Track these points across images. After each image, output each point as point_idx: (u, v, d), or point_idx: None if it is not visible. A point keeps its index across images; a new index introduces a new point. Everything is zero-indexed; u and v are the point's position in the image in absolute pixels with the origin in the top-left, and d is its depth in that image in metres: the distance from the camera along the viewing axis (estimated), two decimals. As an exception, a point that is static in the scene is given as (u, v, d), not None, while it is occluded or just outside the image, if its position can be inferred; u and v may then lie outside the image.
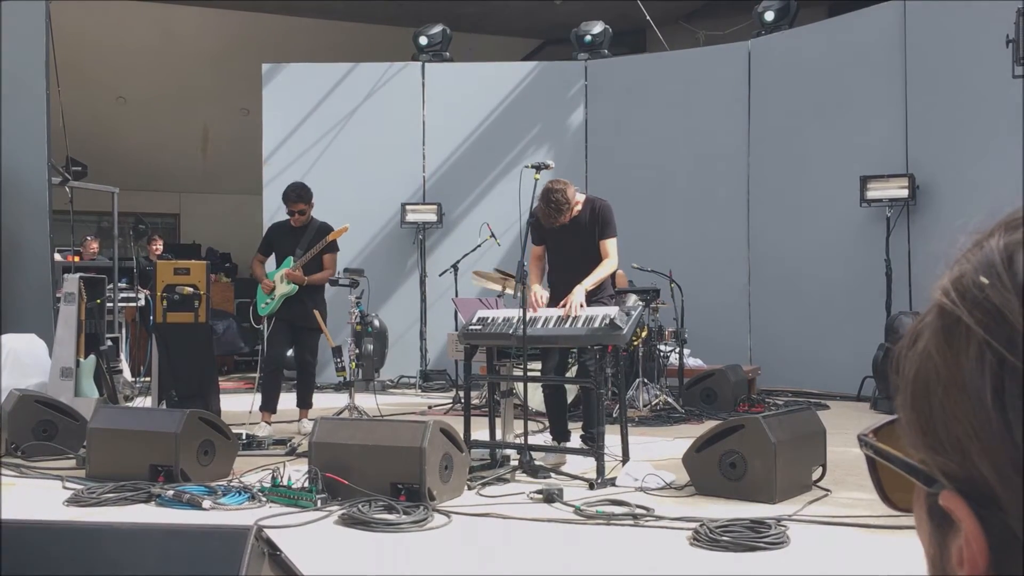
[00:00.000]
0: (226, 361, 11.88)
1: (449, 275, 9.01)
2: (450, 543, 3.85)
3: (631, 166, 10.32)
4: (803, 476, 4.67)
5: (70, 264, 9.06)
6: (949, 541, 0.50)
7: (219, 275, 13.15)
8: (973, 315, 0.47)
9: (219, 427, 5.08)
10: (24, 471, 5.23)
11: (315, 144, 10.65)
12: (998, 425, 0.45)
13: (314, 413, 6.56)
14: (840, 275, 8.97)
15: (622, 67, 10.74)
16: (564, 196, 5.32)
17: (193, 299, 6.60)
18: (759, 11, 10.01)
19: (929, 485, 0.50)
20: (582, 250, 5.44)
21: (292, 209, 6.80)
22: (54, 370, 6.88)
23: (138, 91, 14.41)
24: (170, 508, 4.31)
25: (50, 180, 8.18)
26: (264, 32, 13.89)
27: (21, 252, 8.25)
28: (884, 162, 8.60)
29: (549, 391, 5.75)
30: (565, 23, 11.88)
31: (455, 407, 7.94)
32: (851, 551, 3.70)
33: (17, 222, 8.24)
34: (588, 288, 5.27)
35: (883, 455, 0.56)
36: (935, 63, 8.31)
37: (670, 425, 7.11)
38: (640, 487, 4.70)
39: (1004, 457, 0.45)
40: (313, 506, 4.26)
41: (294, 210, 6.79)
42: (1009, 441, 0.45)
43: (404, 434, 4.44)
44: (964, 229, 0.51)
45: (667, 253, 8.92)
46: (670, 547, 3.71)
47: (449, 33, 10.96)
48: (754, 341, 9.79)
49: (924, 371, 0.50)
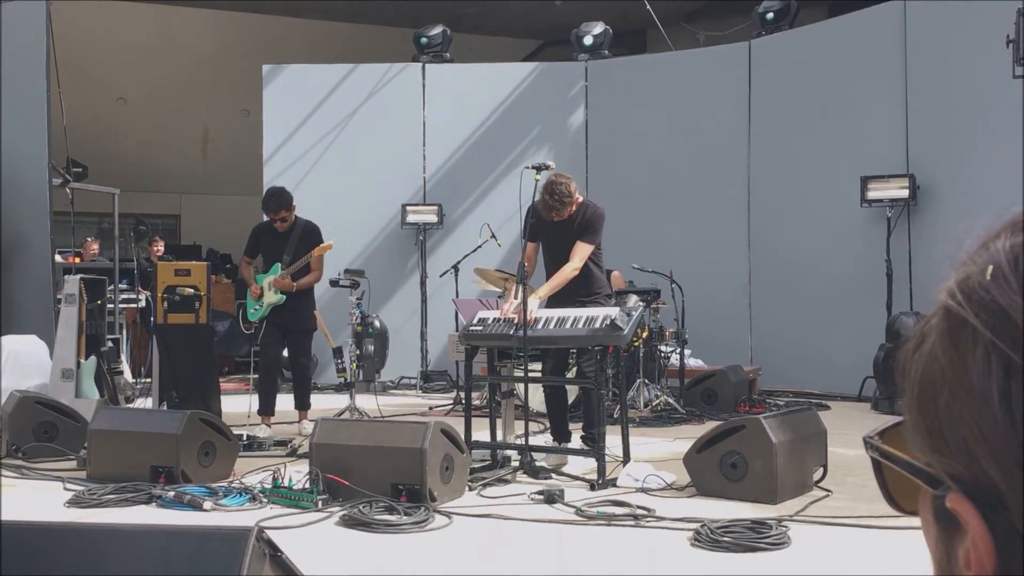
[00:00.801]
0: (226, 362, 11.88)
1: (450, 276, 9.00)
2: (451, 544, 3.85)
3: (631, 167, 10.32)
4: (804, 477, 4.66)
5: (71, 265, 9.06)
6: (956, 543, 0.50)
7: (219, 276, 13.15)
8: (979, 317, 0.47)
9: (220, 428, 5.08)
10: (25, 472, 5.23)
11: (315, 145, 10.65)
12: (1004, 427, 0.45)
13: (315, 414, 6.56)
14: (841, 275, 8.97)
15: (622, 68, 10.74)
16: (567, 189, 5.31)
17: (194, 300, 6.60)
18: (759, 11, 10.01)
19: (935, 487, 0.50)
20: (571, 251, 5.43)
21: (274, 218, 6.77)
22: (55, 371, 6.88)
23: (139, 92, 14.41)
24: (171, 509, 4.31)
25: (51, 181, 8.18)
26: (264, 33, 13.89)
27: (22, 253, 8.25)
28: (884, 162, 8.60)
29: (549, 392, 5.75)
30: (565, 24, 11.88)
31: (456, 408, 7.94)
32: (852, 551, 3.70)
33: (18, 223, 8.24)
34: (543, 296, 5.27)
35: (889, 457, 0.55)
36: (935, 63, 8.31)
37: (671, 426, 7.11)
38: (641, 488, 4.70)
39: (1011, 459, 0.45)
40: (314, 507, 4.26)
41: (276, 218, 6.77)
42: (1016, 443, 0.45)
43: (405, 435, 4.44)
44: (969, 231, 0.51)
45: (668, 253, 8.92)
46: (671, 548, 3.71)
47: (449, 34, 10.96)
48: (755, 341, 9.78)
49: (930, 373, 0.50)
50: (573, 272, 5.36)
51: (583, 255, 5.38)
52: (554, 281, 5.35)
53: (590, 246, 5.41)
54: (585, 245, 5.39)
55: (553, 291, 5.34)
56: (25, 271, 8.22)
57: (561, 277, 5.35)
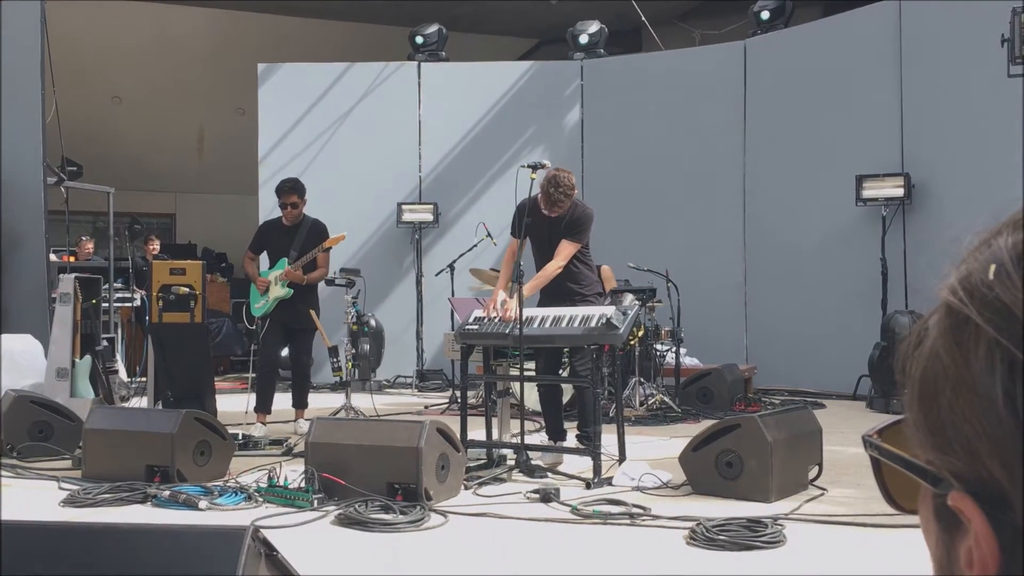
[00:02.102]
0: (222, 361, 11.87)
1: (445, 275, 9.00)
2: (447, 543, 3.84)
3: (627, 166, 10.33)
4: (799, 475, 4.67)
5: (66, 264, 9.04)
6: (957, 542, 0.49)
7: (215, 275, 13.13)
8: (982, 314, 0.47)
9: (215, 427, 5.07)
10: (20, 472, 5.22)
11: (311, 144, 10.64)
12: (1009, 425, 0.45)
13: (310, 413, 6.55)
14: (836, 274, 8.98)
15: (618, 67, 10.74)
16: (570, 181, 5.30)
17: (189, 299, 6.58)
18: (755, 10, 10.02)
19: (936, 486, 0.50)
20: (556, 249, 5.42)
21: (285, 201, 6.77)
22: (50, 371, 6.86)
23: (133, 91, 14.39)
24: (166, 509, 4.30)
25: (45, 180, 8.16)
26: (260, 32, 13.87)
27: (17, 253, 8.23)
28: (879, 161, 8.61)
29: (545, 390, 5.74)
30: (561, 23, 11.88)
31: (452, 407, 7.93)
32: (848, 550, 3.71)
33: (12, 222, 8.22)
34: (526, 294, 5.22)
35: (888, 456, 0.55)
36: (930, 62, 8.32)
37: (666, 424, 7.11)
38: (637, 486, 4.70)
39: (1015, 456, 0.45)
40: (309, 506, 4.26)
41: (287, 202, 6.77)
42: (1020, 440, 0.45)
43: (401, 434, 4.43)
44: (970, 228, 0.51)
45: (663, 252, 8.92)
46: (667, 546, 3.71)
47: (445, 33, 10.96)
48: (750, 340, 9.79)
49: (932, 371, 0.50)
50: (556, 271, 5.34)
51: (567, 254, 5.35)
52: (537, 279, 5.33)
53: (576, 246, 5.39)
54: (570, 244, 5.36)
55: (535, 289, 5.33)
56: (20, 270, 8.20)
57: (544, 275, 5.34)
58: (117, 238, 9.50)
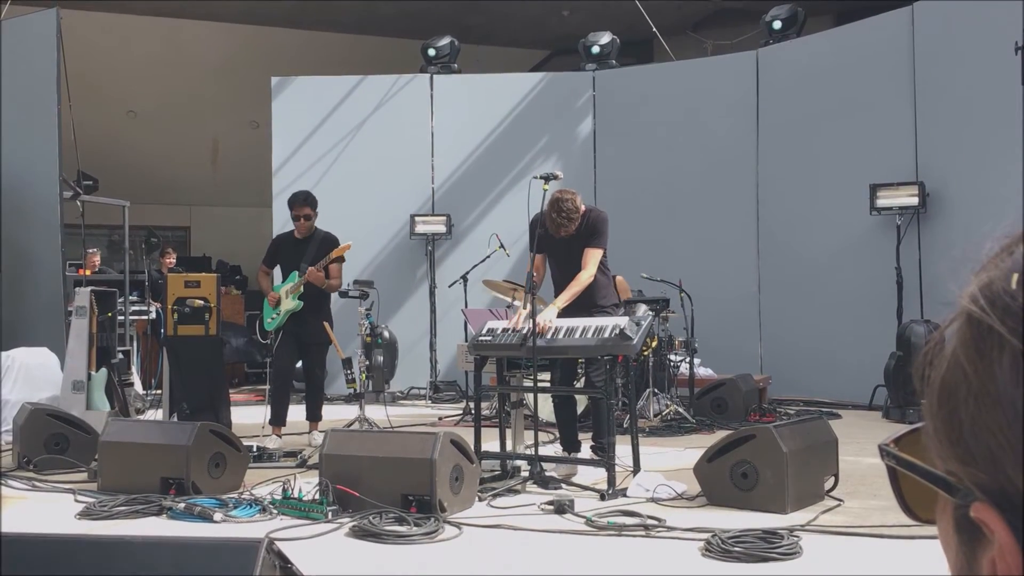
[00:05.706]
0: (236, 372, 11.89)
1: (459, 286, 9.00)
2: (461, 555, 3.83)
3: (640, 176, 10.32)
4: (815, 486, 4.64)
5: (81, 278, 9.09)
6: (979, 553, 0.49)
7: (229, 287, 13.18)
8: (1006, 323, 0.46)
9: (230, 440, 5.08)
10: (36, 485, 5.24)
11: (324, 156, 10.69)
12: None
13: (324, 425, 6.56)
14: (851, 284, 8.94)
15: (630, 77, 10.75)
16: (573, 205, 5.32)
17: (204, 312, 6.61)
18: (767, 20, 10.01)
19: (957, 496, 0.49)
20: (579, 261, 5.42)
21: (298, 213, 6.80)
22: (66, 383, 6.90)
23: (148, 105, 14.48)
24: (181, 521, 4.31)
25: (61, 194, 8.21)
26: (273, 45, 13.95)
27: (33, 266, 8.29)
28: (893, 170, 8.58)
29: (559, 402, 5.73)
30: (573, 34, 11.90)
31: (465, 418, 7.93)
32: (865, 561, 3.68)
33: (29, 236, 8.28)
34: (561, 306, 5.26)
35: (906, 465, 0.55)
36: (943, 71, 8.30)
37: (681, 435, 7.08)
38: (651, 498, 4.68)
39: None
40: (324, 518, 4.26)
41: (299, 215, 6.80)
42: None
43: (414, 445, 4.43)
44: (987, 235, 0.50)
45: (677, 263, 8.91)
46: (682, 558, 3.69)
47: (457, 45, 10.99)
48: (765, 350, 9.76)
49: (952, 380, 0.49)
50: (589, 279, 5.37)
51: (595, 260, 5.39)
52: (571, 290, 5.34)
53: (600, 250, 5.43)
54: (595, 251, 5.40)
55: (571, 300, 5.33)
56: (36, 284, 8.25)
57: (578, 285, 5.35)
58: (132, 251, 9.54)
